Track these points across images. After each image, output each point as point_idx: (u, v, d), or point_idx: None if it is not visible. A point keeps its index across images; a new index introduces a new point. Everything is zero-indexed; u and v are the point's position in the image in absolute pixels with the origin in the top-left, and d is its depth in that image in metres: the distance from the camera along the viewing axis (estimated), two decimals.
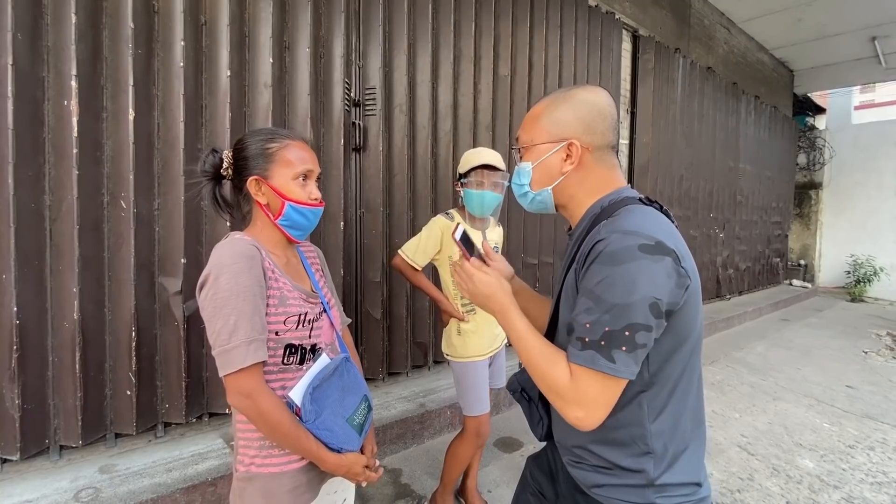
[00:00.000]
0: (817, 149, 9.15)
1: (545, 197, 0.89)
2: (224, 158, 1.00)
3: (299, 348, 0.98)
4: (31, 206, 1.75)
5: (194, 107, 2.10)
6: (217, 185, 1.03)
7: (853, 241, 8.75)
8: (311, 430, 0.94)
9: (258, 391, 0.88)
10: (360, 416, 1.04)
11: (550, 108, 0.86)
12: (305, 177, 1.00)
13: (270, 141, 0.98)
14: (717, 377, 3.91)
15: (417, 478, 2.27)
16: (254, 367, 0.88)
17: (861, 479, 2.40)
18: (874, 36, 6.76)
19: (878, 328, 5.97)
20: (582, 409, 0.71)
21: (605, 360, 0.69)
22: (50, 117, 1.79)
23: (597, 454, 0.81)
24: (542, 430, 0.96)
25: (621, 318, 0.69)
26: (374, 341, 2.85)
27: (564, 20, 3.90)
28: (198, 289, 0.92)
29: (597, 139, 0.85)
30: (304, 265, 1.11)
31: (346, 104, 2.62)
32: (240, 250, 0.90)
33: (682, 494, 0.78)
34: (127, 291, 1.95)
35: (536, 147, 0.87)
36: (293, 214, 0.99)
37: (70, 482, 1.75)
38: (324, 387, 0.97)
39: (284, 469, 0.97)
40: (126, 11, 1.90)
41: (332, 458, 0.96)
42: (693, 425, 0.81)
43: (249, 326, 0.87)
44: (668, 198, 5.41)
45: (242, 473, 0.97)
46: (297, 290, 1.00)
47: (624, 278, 0.69)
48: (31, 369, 1.78)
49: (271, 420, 0.89)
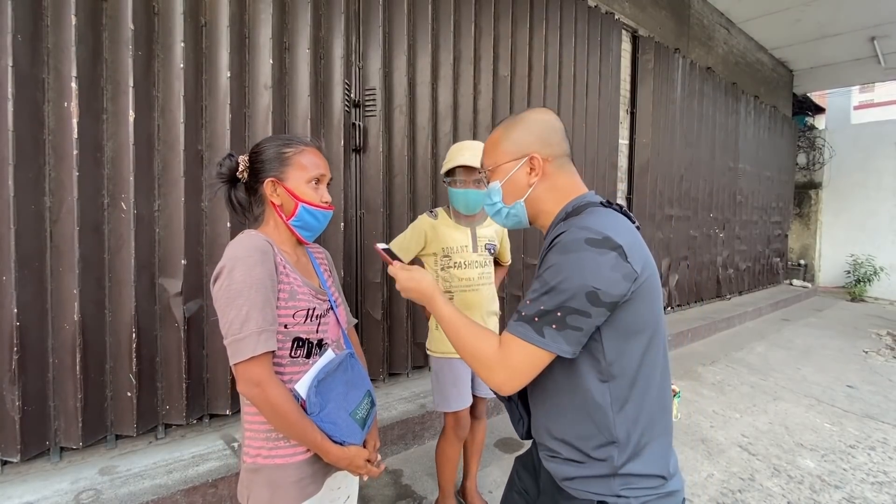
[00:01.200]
0: (817, 149, 9.16)
1: (518, 209, 0.95)
2: (240, 162, 1.06)
3: (306, 342, 1.01)
4: (31, 208, 1.75)
5: (194, 108, 2.10)
6: (232, 187, 1.08)
7: (853, 241, 8.76)
8: (315, 421, 0.96)
9: (267, 380, 0.90)
10: (363, 411, 1.07)
11: (507, 132, 0.95)
12: (318, 181, 1.05)
13: (287, 146, 1.04)
14: (717, 377, 3.91)
15: (418, 479, 2.27)
16: (264, 357, 0.90)
17: (862, 478, 2.40)
18: (873, 36, 6.77)
19: (879, 328, 5.97)
20: (505, 372, 0.80)
21: (534, 333, 0.77)
22: (50, 119, 1.79)
23: (569, 444, 0.85)
24: (522, 428, 1.01)
25: (556, 299, 0.76)
26: (374, 342, 2.85)
27: (564, 21, 3.90)
28: (212, 281, 0.95)
29: (554, 149, 0.93)
30: (314, 264, 1.15)
31: (346, 105, 2.62)
32: (254, 244, 0.94)
33: (647, 487, 0.82)
34: (127, 293, 1.95)
35: (501, 167, 0.95)
36: (305, 216, 1.04)
37: (70, 484, 1.75)
38: (328, 380, 1.00)
39: (290, 461, 0.99)
40: (126, 13, 1.90)
41: (335, 450, 0.98)
42: (657, 419, 0.85)
43: (261, 317, 0.90)
44: (667, 198, 5.41)
45: (249, 465, 0.99)
46: (306, 285, 1.04)
47: (567, 265, 0.76)
48: (32, 371, 1.78)
49: (279, 409, 0.91)
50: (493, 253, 1.92)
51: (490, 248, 1.90)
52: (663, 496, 0.82)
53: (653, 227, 5.18)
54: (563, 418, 0.86)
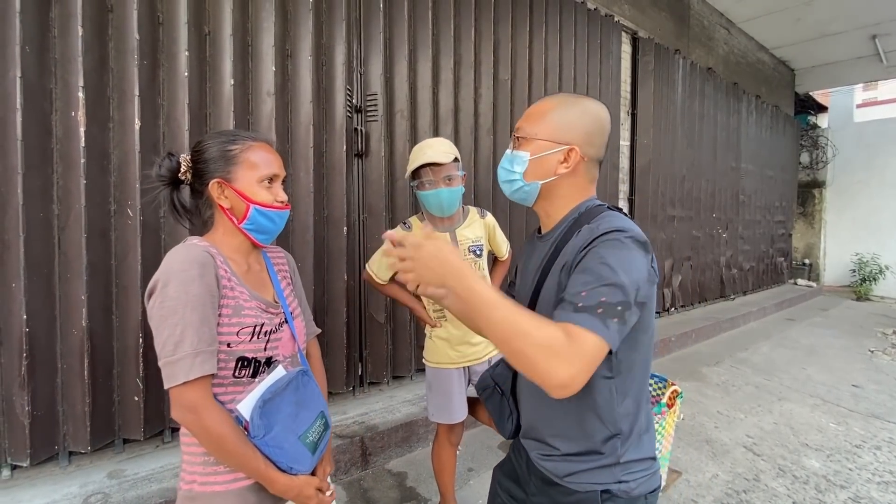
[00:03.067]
0: (820, 147, 9.12)
1: (532, 189, 0.91)
2: (182, 162, 0.96)
3: (252, 361, 0.92)
4: (39, 216, 1.78)
5: (199, 115, 2.13)
6: (175, 190, 0.98)
7: (857, 240, 8.70)
8: (259, 446, 0.88)
9: (203, 405, 0.83)
10: (315, 434, 0.98)
11: (560, 109, 0.89)
12: (271, 180, 0.96)
13: (232, 143, 0.94)
14: (721, 378, 3.90)
15: (423, 481, 2.28)
16: (200, 381, 0.83)
17: (868, 478, 2.39)
18: (874, 34, 6.75)
19: (884, 327, 5.93)
20: (579, 364, 0.68)
21: (602, 325, 0.70)
22: (58, 128, 1.82)
23: (571, 440, 0.86)
24: (511, 425, 0.99)
25: (616, 293, 0.72)
26: (378, 345, 2.86)
27: (564, 23, 3.92)
28: (147, 296, 0.87)
29: (593, 151, 0.90)
30: (270, 272, 1.05)
31: (348, 110, 2.64)
32: (192, 257, 0.86)
33: (642, 469, 0.86)
34: (134, 298, 1.97)
35: (539, 141, 0.88)
36: (259, 218, 0.94)
37: (79, 488, 1.78)
38: (276, 400, 0.91)
39: (230, 487, 0.90)
40: (131, 23, 1.93)
41: (282, 479, 0.90)
42: (645, 407, 0.89)
43: (196, 338, 0.83)
44: (670, 198, 5.41)
45: (185, 492, 0.91)
46: (255, 299, 0.95)
47: (622, 261, 0.74)
48: (41, 376, 1.81)
49: (215, 436, 0.84)
50: (479, 255, 1.77)
51: (475, 249, 1.76)
52: (652, 475, 0.87)
53: (655, 228, 5.17)
54: (566, 415, 0.86)
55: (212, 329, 0.86)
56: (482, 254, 1.79)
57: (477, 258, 1.76)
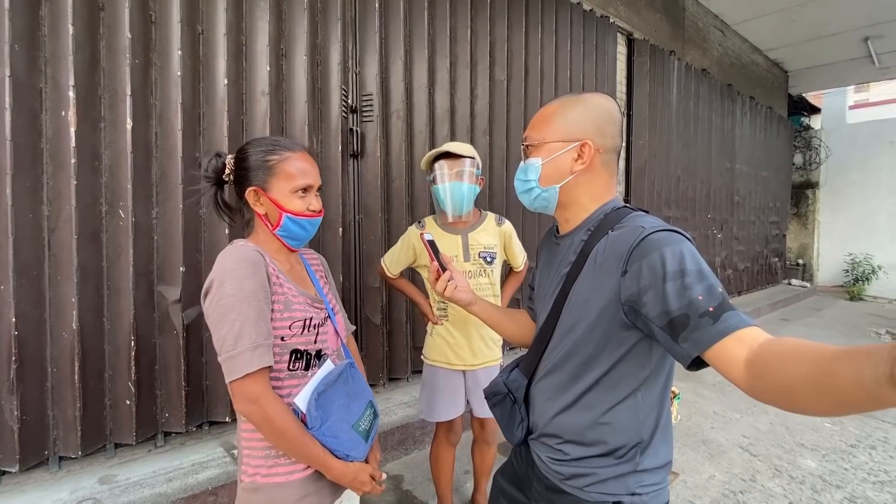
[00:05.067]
0: (813, 148, 9.20)
1: (551, 194, 0.88)
2: (227, 164, 1.01)
3: (304, 353, 0.97)
4: (29, 217, 1.75)
5: (192, 115, 2.11)
6: (219, 189, 1.03)
7: (851, 240, 8.78)
8: (316, 436, 0.92)
9: (265, 397, 0.87)
10: (366, 422, 1.03)
11: (563, 110, 0.87)
12: (305, 189, 1.00)
13: (271, 153, 0.98)
14: (717, 378, 3.91)
15: (419, 484, 2.26)
16: (260, 373, 0.87)
17: (863, 478, 2.39)
18: (867, 36, 6.81)
19: (878, 326, 5.98)
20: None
21: (740, 317, 0.65)
22: (48, 128, 1.79)
23: (586, 445, 0.83)
24: (521, 432, 0.96)
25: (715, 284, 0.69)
26: (374, 347, 2.84)
27: (559, 24, 3.92)
28: (202, 296, 0.91)
29: (607, 142, 0.86)
30: (308, 271, 1.11)
31: (344, 111, 2.63)
32: (244, 256, 0.90)
33: (655, 483, 0.82)
34: (126, 301, 1.95)
35: (548, 145, 0.87)
36: (291, 225, 0.99)
37: (70, 493, 1.74)
38: (329, 392, 0.96)
39: (290, 478, 0.95)
40: (123, 22, 1.91)
41: (338, 466, 0.94)
42: (665, 416, 0.85)
43: (255, 331, 0.87)
44: (665, 199, 5.43)
45: (248, 484, 0.95)
46: (302, 294, 1.00)
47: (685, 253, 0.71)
48: (30, 380, 1.78)
49: (277, 426, 0.88)
50: (489, 262, 1.73)
51: (486, 256, 1.72)
52: (663, 489, 0.83)
53: None
54: (587, 421, 0.83)
55: (267, 323, 0.90)
56: (493, 261, 1.75)
57: (487, 265, 1.73)
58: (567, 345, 0.85)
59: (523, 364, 0.98)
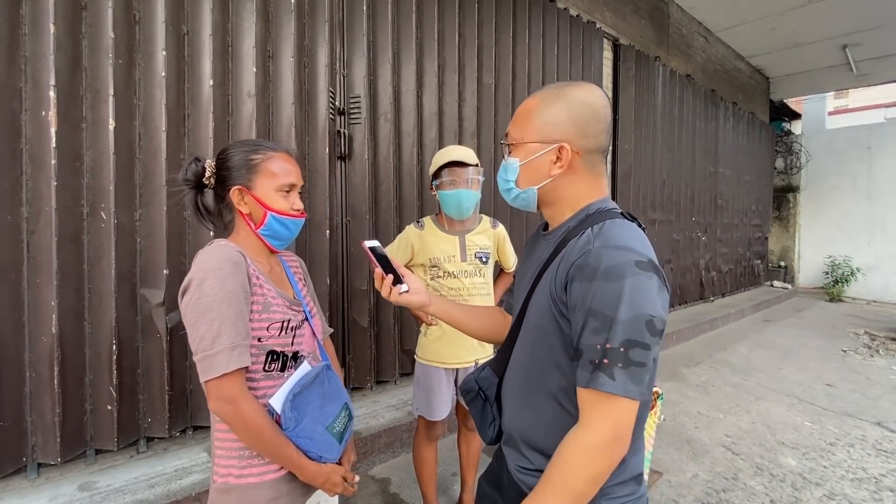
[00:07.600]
0: (794, 153, 9.40)
1: (529, 195, 0.86)
2: (206, 168, 1.01)
3: (281, 355, 0.98)
4: (7, 219, 1.72)
5: (176, 116, 2.09)
6: (199, 193, 1.04)
7: (830, 243, 8.98)
8: (290, 437, 0.93)
9: (241, 397, 0.87)
10: (341, 425, 1.04)
11: (543, 106, 0.82)
12: (288, 189, 1.01)
13: (254, 152, 1.00)
14: (701, 378, 3.97)
15: (406, 487, 2.26)
16: (236, 373, 0.87)
17: (842, 475, 2.45)
18: (845, 44, 7.00)
19: (856, 327, 6.12)
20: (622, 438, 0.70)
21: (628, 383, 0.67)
22: (27, 128, 1.76)
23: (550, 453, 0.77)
24: (493, 431, 0.94)
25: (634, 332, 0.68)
26: (361, 350, 2.83)
27: (547, 30, 3.97)
28: (180, 294, 0.91)
29: (589, 143, 0.81)
30: (287, 273, 1.12)
31: (331, 113, 2.62)
32: (226, 255, 0.91)
33: (625, 495, 0.78)
34: (107, 304, 1.91)
35: (526, 145, 0.83)
36: (275, 224, 1.00)
37: (48, 501, 1.71)
38: (304, 394, 0.97)
39: (263, 479, 0.95)
40: (106, 21, 1.88)
41: (312, 467, 0.95)
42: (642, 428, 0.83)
43: (233, 332, 0.87)
44: (650, 202, 5.51)
45: (220, 484, 0.95)
46: (280, 296, 1.00)
47: (622, 293, 0.68)
48: (8, 385, 1.74)
49: (253, 426, 0.88)
50: (485, 262, 1.84)
51: (481, 256, 1.82)
52: (636, 500, 0.79)
53: None
54: (549, 430, 0.79)
55: (246, 324, 0.90)
56: (488, 261, 1.86)
57: (483, 265, 1.84)
58: (528, 345, 0.83)
59: (493, 362, 0.96)
